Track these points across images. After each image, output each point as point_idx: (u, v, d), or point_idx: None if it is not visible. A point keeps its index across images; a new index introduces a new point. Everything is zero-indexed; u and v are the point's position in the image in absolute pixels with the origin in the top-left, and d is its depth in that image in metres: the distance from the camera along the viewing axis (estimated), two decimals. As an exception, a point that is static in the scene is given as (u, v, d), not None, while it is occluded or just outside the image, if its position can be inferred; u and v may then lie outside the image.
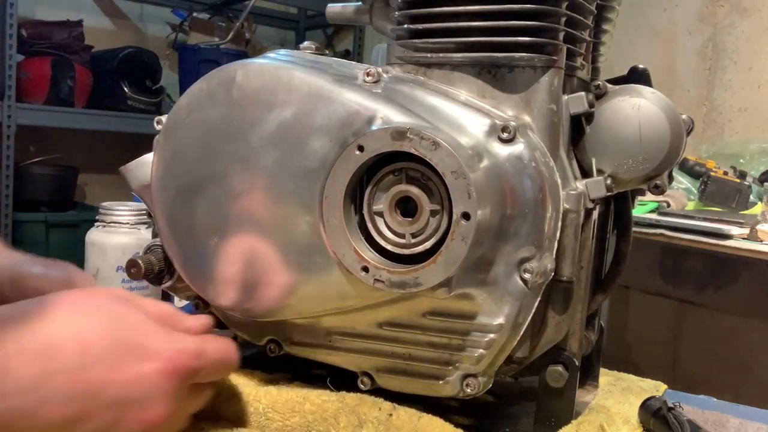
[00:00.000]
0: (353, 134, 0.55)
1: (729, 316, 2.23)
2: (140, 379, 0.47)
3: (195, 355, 0.50)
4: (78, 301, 0.48)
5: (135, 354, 0.47)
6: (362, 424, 0.57)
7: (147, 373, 0.47)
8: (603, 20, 0.67)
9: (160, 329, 0.50)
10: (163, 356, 0.48)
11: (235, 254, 0.59)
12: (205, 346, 0.51)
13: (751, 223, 1.59)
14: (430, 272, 0.52)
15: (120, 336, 0.47)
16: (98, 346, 0.46)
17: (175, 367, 0.48)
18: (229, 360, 0.54)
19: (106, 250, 1.10)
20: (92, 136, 3.18)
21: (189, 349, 0.50)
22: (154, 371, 0.47)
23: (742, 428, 0.68)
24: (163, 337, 0.49)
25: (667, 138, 0.59)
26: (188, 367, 0.49)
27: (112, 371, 0.46)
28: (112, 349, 0.47)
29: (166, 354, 0.48)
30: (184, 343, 0.50)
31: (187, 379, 0.50)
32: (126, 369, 0.47)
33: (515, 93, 0.57)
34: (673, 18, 2.53)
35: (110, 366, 0.46)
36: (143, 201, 0.66)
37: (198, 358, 0.50)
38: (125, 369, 0.47)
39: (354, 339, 0.60)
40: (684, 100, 2.43)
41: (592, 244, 0.62)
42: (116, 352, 0.47)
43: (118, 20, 3.43)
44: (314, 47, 0.64)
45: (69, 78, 2.84)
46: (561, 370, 0.59)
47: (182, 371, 0.49)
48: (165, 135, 0.62)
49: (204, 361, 0.50)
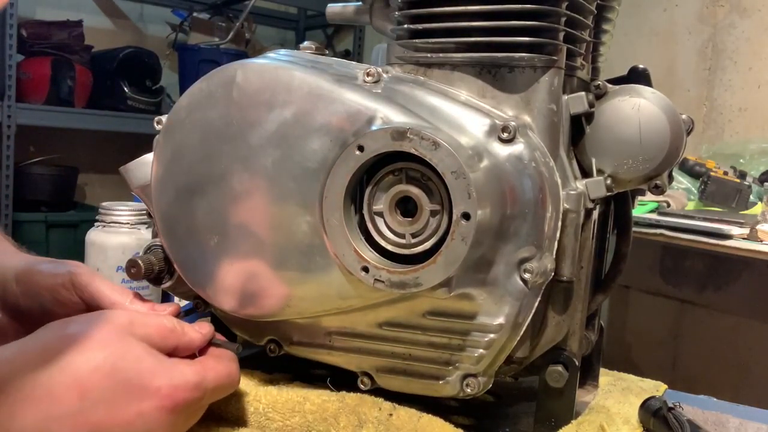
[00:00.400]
0: (353, 134, 0.55)
1: (729, 316, 2.23)
2: (141, 418, 0.48)
3: (194, 387, 0.50)
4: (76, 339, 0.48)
5: (134, 393, 0.48)
6: (362, 424, 0.57)
7: (147, 411, 0.48)
8: (603, 20, 0.67)
9: (159, 362, 0.50)
10: (162, 393, 0.48)
11: (235, 254, 0.59)
12: (204, 375, 0.52)
13: (751, 223, 1.60)
14: (430, 272, 0.52)
15: (119, 376, 0.48)
16: (97, 388, 0.47)
17: (174, 403, 0.49)
18: (230, 382, 0.54)
19: (106, 250, 1.10)
20: (92, 136, 3.18)
21: (188, 382, 0.50)
22: (154, 408, 0.48)
23: (742, 428, 0.68)
24: (162, 372, 0.49)
25: (667, 138, 0.59)
26: (188, 400, 0.50)
27: (112, 412, 0.47)
28: (111, 390, 0.47)
29: (165, 390, 0.49)
30: (183, 376, 0.50)
31: (187, 409, 0.50)
32: (126, 409, 0.47)
33: (515, 93, 0.57)
34: (673, 18, 2.53)
35: (111, 407, 0.47)
36: (143, 201, 0.66)
37: (197, 389, 0.50)
38: (125, 409, 0.47)
39: (354, 339, 0.60)
40: (684, 100, 2.43)
41: (592, 244, 0.62)
42: (116, 392, 0.47)
43: (118, 20, 3.43)
44: (314, 47, 0.64)
45: (69, 78, 2.85)
46: (561, 370, 0.59)
47: (182, 405, 0.49)
48: (165, 135, 0.62)
49: (204, 390, 0.51)
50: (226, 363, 0.55)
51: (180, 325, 0.55)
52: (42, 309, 0.61)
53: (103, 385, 0.47)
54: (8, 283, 0.62)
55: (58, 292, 0.61)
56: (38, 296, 0.61)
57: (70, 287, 0.61)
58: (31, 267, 0.63)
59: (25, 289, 0.62)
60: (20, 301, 0.62)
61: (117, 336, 0.50)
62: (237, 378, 0.55)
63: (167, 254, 0.63)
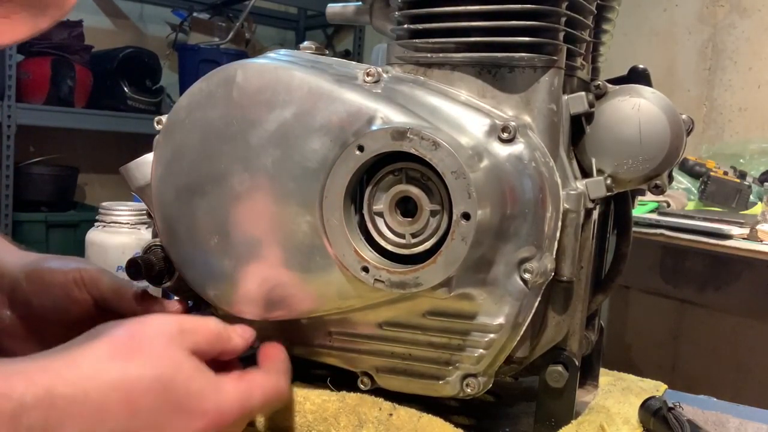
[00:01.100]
0: (353, 134, 0.55)
1: (729, 316, 2.23)
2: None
3: (240, 410, 0.50)
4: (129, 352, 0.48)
5: (182, 415, 0.48)
6: (362, 424, 0.57)
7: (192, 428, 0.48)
8: (603, 20, 0.67)
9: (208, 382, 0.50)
10: (209, 417, 0.48)
11: (235, 254, 0.59)
12: (251, 394, 0.51)
13: (751, 223, 1.60)
14: (430, 272, 0.52)
15: (169, 398, 0.47)
16: (146, 408, 0.46)
17: (219, 425, 0.49)
18: (278, 398, 0.54)
19: (106, 250, 1.10)
20: (92, 136, 3.18)
21: (234, 407, 0.50)
22: (200, 430, 0.48)
23: (742, 428, 0.68)
24: (210, 395, 0.49)
25: (667, 138, 0.59)
26: (233, 423, 0.50)
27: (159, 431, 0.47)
28: (160, 411, 0.47)
29: (211, 415, 0.49)
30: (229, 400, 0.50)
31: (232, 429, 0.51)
32: (172, 429, 0.47)
33: (515, 93, 0.57)
34: (673, 18, 2.53)
35: (158, 427, 0.47)
36: (143, 201, 0.66)
37: (242, 411, 0.51)
38: (172, 429, 0.47)
39: (354, 339, 0.60)
40: (684, 100, 2.44)
41: (592, 244, 0.62)
42: (164, 413, 0.47)
43: (118, 20, 3.43)
44: (314, 47, 0.64)
45: (69, 78, 2.85)
46: (561, 370, 0.59)
47: (227, 427, 0.50)
48: (165, 135, 0.62)
49: (249, 410, 0.51)
50: (275, 378, 0.54)
51: (225, 330, 0.54)
52: (53, 305, 0.62)
53: (153, 406, 0.47)
54: (18, 282, 0.63)
55: (69, 288, 0.62)
56: (50, 293, 0.62)
57: (81, 283, 0.62)
58: (39, 265, 0.63)
59: (35, 288, 0.62)
60: (31, 298, 0.62)
61: (169, 350, 0.49)
62: (285, 393, 0.55)
63: (167, 254, 0.63)
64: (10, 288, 0.63)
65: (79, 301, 0.62)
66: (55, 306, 0.62)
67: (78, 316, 0.62)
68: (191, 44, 3.34)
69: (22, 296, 0.63)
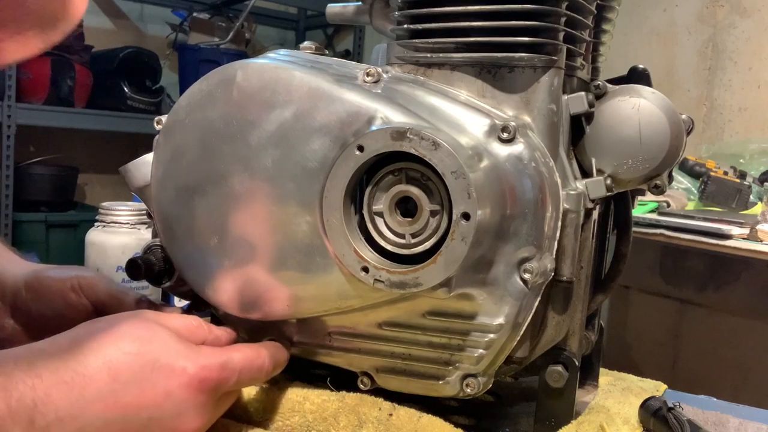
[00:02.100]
0: (353, 134, 0.55)
1: (729, 316, 2.23)
2: (169, 397, 0.49)
3: (220, 367, 0.52)
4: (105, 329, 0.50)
5: (162, 373, 0.49)
6: (362, 424, 0.57)
7: (175, 389, 0.49)
8: (603, 20, 0.67)
9: (185, 346, 0.52)
10: (189, 372, 0.50)
11: (235, 255, 0.59)
12: (230, 356, 0.53)
13: (751, 223, 1.60)
14: (430, 272, 0.52)
15: (146, 358, 0.49)
16: (127, 370, 0.48)
17: (201, 381, 0.50)
18: (259, 365, 0.55)
19: (106, 250, 1.10)
20: (92, 136, 3.18)
21: (214, 362, 0.52)
22: (182, 387, 0.50)
23: (742, 428, 0.68)
24: (188, 354, 0.51)
25: (667, 138, 0.59)
26: (215, 379, 0.51)
27: (142, 393, 0.48)
28: (140, 372, 0.49)
29: (191, 370, 0.50)
30: (208, 357, 0.52)
31: (215, 390, 0.52)
32: (155, 389, 0.49)
33: (515, 93, 0.57)
34: (673, 18, 2.53)
35: (140, 388, 0.48)
36: (143, 201, 0.66)
37: (223, 370, 0.52)
38: (154, 389, 0.49)
39: (354, 339, 0.60)
40: (684, 100, 2.44)
41: (592, 244, 0.62)
42: (144, 373, 0.49)
43: (118, 20, 3.43)
44: (314, 47, 0.64)
45: (69, 78, 2.85)
46: (561, 370, 0.59)
47: (209, 384, 0.51)
48: (165, 135, 0.62)
49: (230, 371, 0.52)
50: (256, 350, 0.56)
51: (207, 325, 0.56)
52: (53, 313, 0.63)
53: (133, 367, 0.48)
54: (18, 291, 0.64)
55: (67, 295, 0.63)
56: (49, 301, 0.63)
57: (78, 290, 0.63)
58: (39, 273, 0.65)
59: (35, 295, 0.64)
60: (31, 306, 0.64)
61: (145, 325, 0.52)
62: (266, 364, 0.56)
63: (167, 254, 0.63)
64: (12, 298, 0.64)
65: (77, 307, 0.63)
66: (54, 313, 0.63)
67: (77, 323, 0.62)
68: (191, 44, 3.34)
69: (23, 305, 0.64)
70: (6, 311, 0.65)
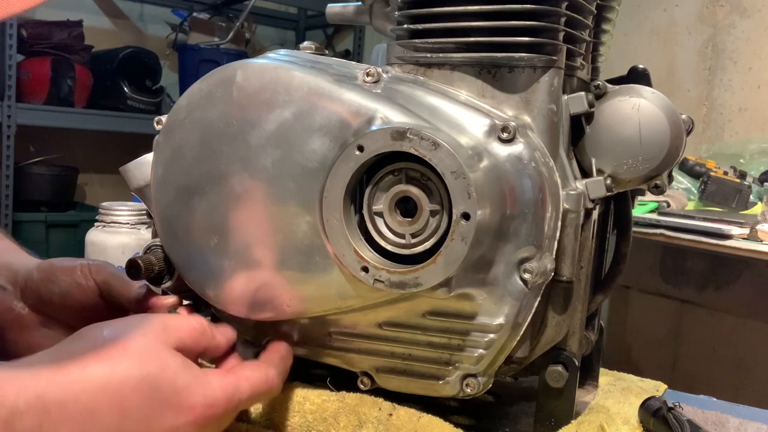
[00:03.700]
0: (353, 134, 0.55)
1: (729, 316, 2.23)
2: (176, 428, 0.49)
3: (227, 402, 0.52)
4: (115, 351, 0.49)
5: (171, 410, 0.49)
6: (362, 424, 0.57)
7: (181, 426, 0.49)
8: (603, 20, 0.67)
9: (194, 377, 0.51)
10: (197, 411, 0.50)
11: (235, 255, 0.59)
12: (238, 387, 0.53)
13: (751, 223, 1.59)
14: (430, 272, 0.52)
15: (157, 396, 0.49)
16: (135, 406, 0.48)
17: (207, 419, 0.50)
18: (267, 389, 0.55)
19: (106, 250, 1.10)
20: (92, 136, 3.18)
21: (222, 396, 0.51)
22: (188, 424, 0.49)
23: (742, 428, 0.68)
24: (197, 389, 0.50)
25: (667, 138, 0.59)
26: (221, 414, 0.51)
27: (149, 429, 0.48)
28: (149, 408, 0.48)
29: (199, 409, 0.50)
30: (216, 393, 0.51)
31: (221, 420, 0.52)
32: (162, 425, 0.48)
33: (515, 93, 0.57)
34: (673, 18, 2.53)
35: (147, 424, 0.48)
36: (143, 201, 0.66)
37: (230, 403, 0.52)
38: (161, 425, 0.48)
39: (354, 339, 0.60)
40: (684, 100, 2.43)
41: (592, 244, 0.62)
42: (153, 410, 0.48)
43: (118, 20, 3.43)
44: (314, 47, 0.64)
45: (69, 78, 2.85)
46: (561, 370, 0.59)
47: (215, 418, 0.51)
48: (165, 135, 0.62)
49: (237, 402, 0.52)
50: (264, 371, 0.55)
51: (209, 328, 0.56)
52: (61, 294, 0.65)
53: (142, 405, 0.48)
54: (29, 274, 0.66)
55: (76, 275, 0.65)
56: (58, 281, 0.65)
57: (86, 272, 0.65)
58: (51, 260, 0.68)
59: (45, 276, 0.66)
60: (41, 288, 0.66)
61: (153, 348, 0.50)
62: (275, 385, 0.56)
63: (167, 254, 0.63)
64: (24, 282, 0.67)
65: (84, 288, 0.65)
66: (62, 293, 0.65)
67: (83, 304, 0.65)
68: (191, 44, 3.34)
69: (33, 287, 0.66)
70: (16, 294, 0.67)
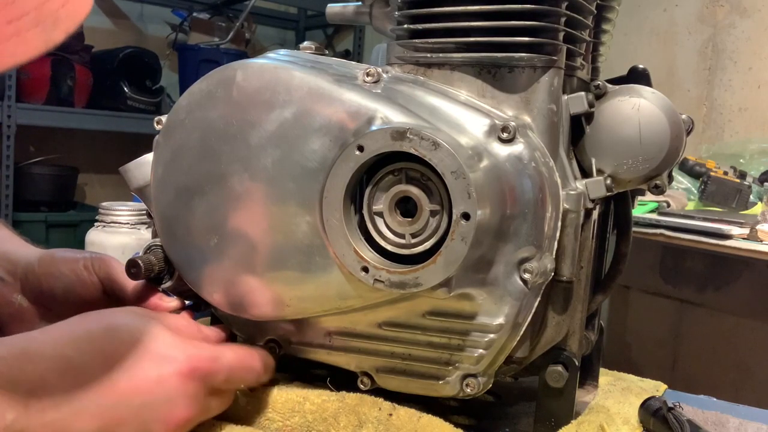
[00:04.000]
0: (353, 134, 0.55)
1: (729, 316, 2.23)
2: (161, 384, 0.51)
3: (210, 359, 0.54)
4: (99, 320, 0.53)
5: (154, 361, 0.51)
6: (362, 424, 0.57)
7: (166, 377, 0.51)
8: (603, 20, 0.67)
9: (177, 338, 0.54)
10: (180, 360, 0.52)
11: (235, 255, 0.59)
12: (222, 351, 0.55)
13: (751, 223, 1.59)
14: (430, 272, 0.52)
15: (141, 347, 0.51)
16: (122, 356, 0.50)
17: (191, 370, 0.52)
18: (250, 365, 0.57)
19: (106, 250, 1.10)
20: (92, 136, 3.18)
21: (204, 353, 0.54)
22: (173, 374, 0.51)
23: (742, 428, 0.68)
24: (179, 344, 0.53)
25: (667, 138, 0.59)
26: (205, 369, 0.53)
27: (134, 379, 0.50)
28: (133, 359, 0.51)
29: (182, 358, 0.52)
30: (199, 348, 0.54)
31: (205, 380, 0.53)
32: (147, 376, 0.51)
33: (515, 93, 0.57)
34: (673, 18, 2.53)
35: (133, 375, 0.50)
36: (143, 201, 0.66)
37: (214, 362, 0.54)
38: (146, 376, 0.51)
39: (354, 339, 0.60)
40: (684, 100, 2.43)
41: (592, 244, 0.62)
42: (137, 360, 0.51)
43: (118, 20, 3.43)
44: (314, 47, 0.64)
45: (69, 78, 2.85)
46: (561, 370, 0.59)
47: (199, 373, 0.53)
48: (165, 135, 0.62)
49: (220, 364, 0.54)
50: (249, 349, 0.58)
51: (197, 325, 0.59)
52: (63, 288, 0.65)
53: (127, 355, 0.50)
54: (30, 266, 0.66)
55: (79, 271, 0.65)
56: (60, 275, 0.65)
57: (90, 266, 0.66)
58: (53, 251, 0.68)
59: (47, 269, 0.66)
60: (42, 281, 0.66)
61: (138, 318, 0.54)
62: (257, 363, 0.58)
63: (167, 254, 0.63)
64: (24, 274, 0.66)
65: (87, 283, 0.65)
66: (65, 287, 0.65)
67: (85, 299, 0.65)
68: (191, 44, 3.34)
69: (34, 280, 0.66)
70: (16, 287, 0.67)
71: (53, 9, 0.37)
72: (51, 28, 0.37)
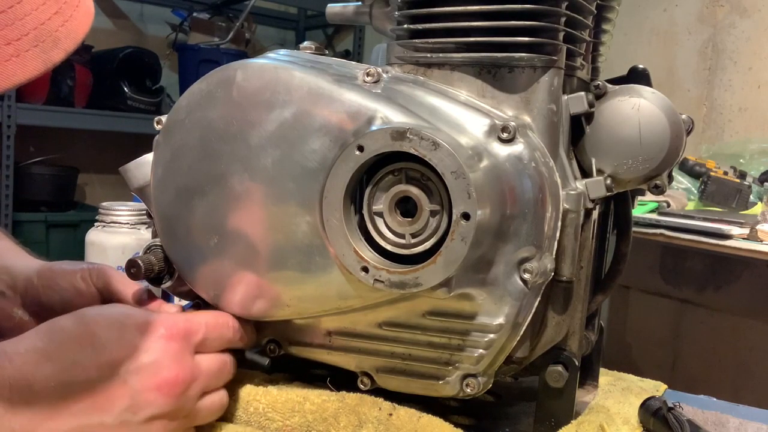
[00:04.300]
0: (353, 134, 0.55)
1: (729, 316, 2.23)
2: (145, 347, 0.53)
3: (186, 320, 0.57)
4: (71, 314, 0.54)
5: (131, 331, 0.53)
6: (362, 424, 0.57)
7: (149, 340, 0.53)
8: (603, 20, 0.67)
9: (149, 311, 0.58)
10: (155, 322, 0.55)
11: (235, 255, 0.59)
12: (194, 314, 0.59)
13: (751, 223, 1.59)
14: (430, 272, 0.52)
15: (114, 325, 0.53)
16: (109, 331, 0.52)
17: (168, 328, 0.55)
18: (224, 321, 0.59)
19: (106, 250, 1.10)
20: (92, 136, 3.17)
21: (179, 316, 0.58)
22: (156, 337, 0.54)
23: (742, 428, 0.68)
24: (153, 314, 0.56)
25: (667, 138, 0.59)
26: (182, 329, 0.55)
27: (114, 351, 0.52)
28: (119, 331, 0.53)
29: (164, 327, 0.55)
30: (177, 317, 0.57)
31: (185, 339, 0.55)
32: (132, 343, 0.53)
33: (515, 93, 0.57)
34: (673, 18, 2.53)
35: (111, 349, 0.52)
36: (143, 201, 0.66)
37: (188, 321, 0.57)
38: (131, 343, 0.53)
39: (354, 339, 0.60)
40: (684, 100, 2.43)
41: (592, 244, 0.62)
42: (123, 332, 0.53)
43: (118, 20, 3.43)
44: (314, 47, 0.64)
45: (69, 78, 2.84)
46: (561, 370, 0.59)
47: (177, 331, 0.55)
48: (165, 135, 0.62)
49: (196, 322, 0.57)
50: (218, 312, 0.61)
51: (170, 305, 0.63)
52: (62, 301, 0.65)
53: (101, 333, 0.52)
54: (30, 280, 0.67)
55: (77, 283, 0.66)
56: (58, 287, 0.66)
57: (87, 277, 0.66)
58: (51, 265, 0.69)
59: (46, 282, 0.67)
60: (41, 294, 0.66)
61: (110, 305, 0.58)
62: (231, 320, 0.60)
63: (167, 254, 0.63)
64: (24, 288, 0.67)
65: (85, 295, 0.66)
66: (63, 300, 0.65)
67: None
68: (191, 44, 3.34)
69: (34, 294, 0.67)
70: (17, 301, 0.67)
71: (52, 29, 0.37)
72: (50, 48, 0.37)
